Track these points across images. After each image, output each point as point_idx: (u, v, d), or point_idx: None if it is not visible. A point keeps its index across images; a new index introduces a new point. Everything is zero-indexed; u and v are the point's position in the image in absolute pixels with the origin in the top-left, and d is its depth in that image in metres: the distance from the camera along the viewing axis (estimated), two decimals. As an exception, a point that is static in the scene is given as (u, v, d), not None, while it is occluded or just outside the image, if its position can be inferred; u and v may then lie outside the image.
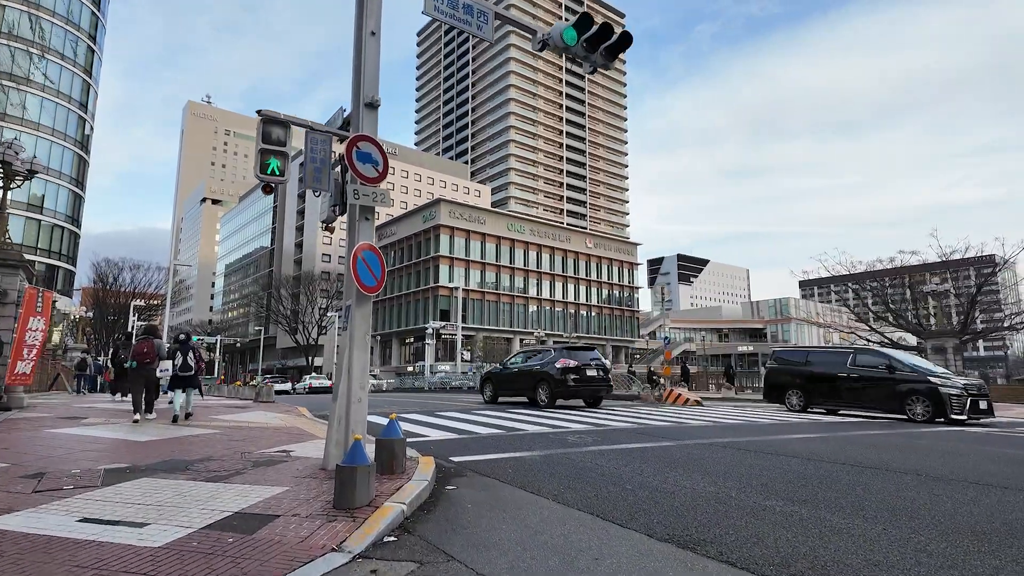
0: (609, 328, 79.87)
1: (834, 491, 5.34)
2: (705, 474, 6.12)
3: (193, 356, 11.23)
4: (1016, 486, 5.69)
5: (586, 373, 14.93)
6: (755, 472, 6.23)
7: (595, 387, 15.21)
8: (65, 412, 10.87)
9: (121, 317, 58.30)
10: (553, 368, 14.94)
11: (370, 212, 6.24)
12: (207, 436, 8.07)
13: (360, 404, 5.93)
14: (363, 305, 6.12)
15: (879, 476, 6.09)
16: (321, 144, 6.18)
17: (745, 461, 6.91)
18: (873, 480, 5.87)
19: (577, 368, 14.85)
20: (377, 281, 6.07)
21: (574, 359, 15.05)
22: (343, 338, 6.18)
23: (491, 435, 9.14)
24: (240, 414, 11.78)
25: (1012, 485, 5.74)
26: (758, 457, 7.22)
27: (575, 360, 15.02)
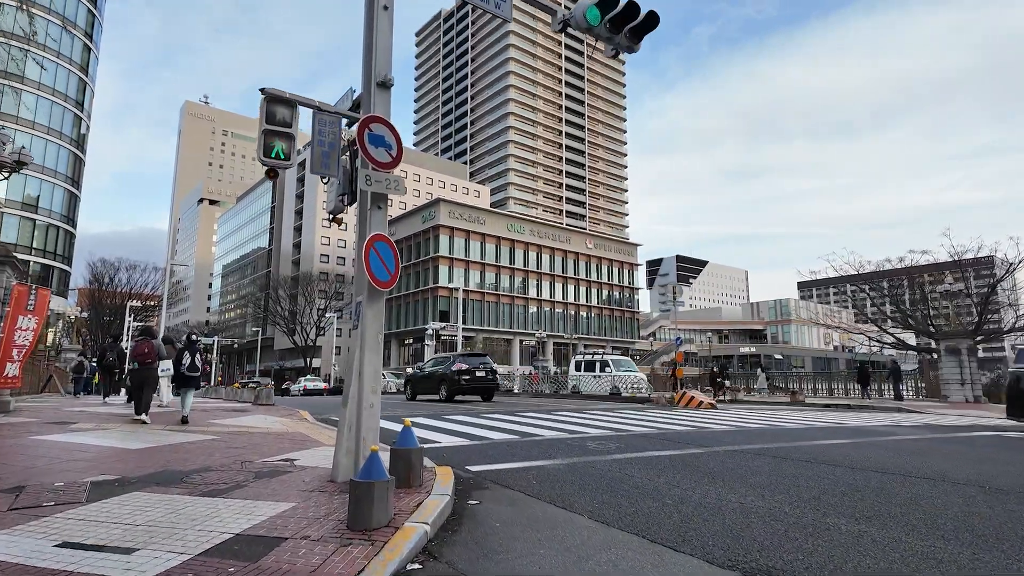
0: (609, 329, 79.42)
1: (896, 506, 4.85)
2: (748, 486, 5.62)
3: (200, 357, 11.35)
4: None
5: (476, 374, 18.92)
6: (801, 483, 5.74)
7: (484, 385, 19.20)
8: (53, 416, 10.34)
9: (117, 318, 57.62)
10: (450, 371, 18.85)
11: (383, 200, 5.74)
12: (205, 443, 7.55)
13: (372, 410, 5.42)
14: (375, 302, 5.61)
15: (937, 488, 5.60)
16: (330, 126, 5.68)
17: (785, 470, 6.42)
18: (933, 493, 5.38)
19: (468, 370, 18.83)
20: (391, 275, 5.57)
21: (466, 363, 19.18)
22: (353, 338, 5.68)
23: (506, 441, 8.64)
24: (239, 418, 11.25)
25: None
26: (798, 466, 6.72)
27: (467, 364, 19.18)
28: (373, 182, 5.50)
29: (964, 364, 21.20)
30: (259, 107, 5.37)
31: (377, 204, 5.71)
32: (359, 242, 5.85)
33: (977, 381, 21.04)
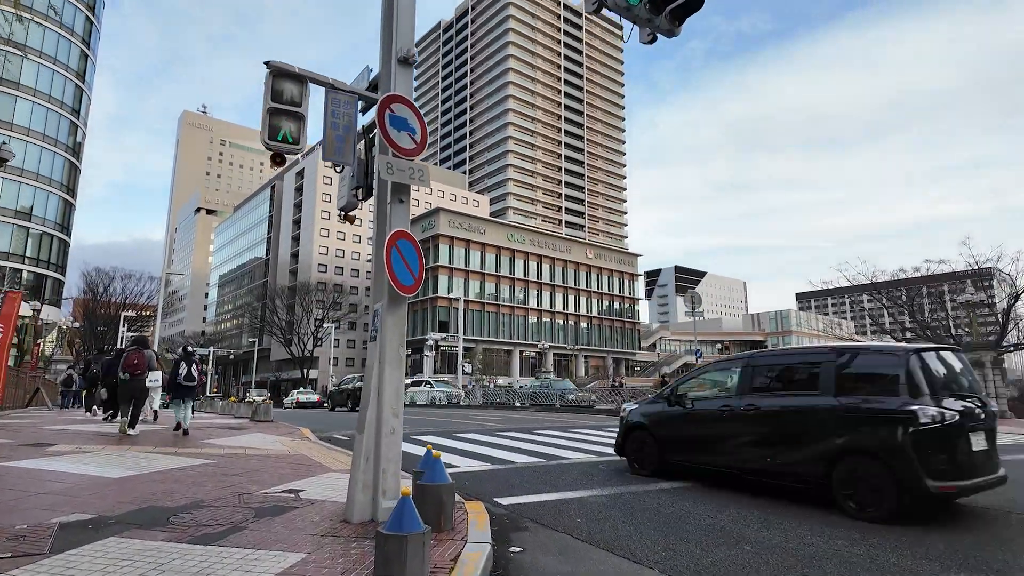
0: (610, 340, 78.61)
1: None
2: (830, 525, 4.83)
3: (197, 368, 11.18)
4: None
5: None
6: (889, 521, 4.95)
7: None
8: (30, 436, 9.47)
9: (111, 328, 56.59)
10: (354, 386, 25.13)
11: (405, 193, 4.99)
12: (196, 469, 6.72)
13: (393, 437, 4.63)
14: (397, 309, 4.84)
15: None
16: (344, 107, 4.93)
17: (860, 503, 5.62)
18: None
19: None
20: (415, 279, 4.80)
21: None
22: (370, 351, 4.90)
23: (531, 465, 7.83)
24: (236, 437, 10.39)
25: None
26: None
27: None
28: (395, 170, 4.75)
29: (988, 377, 20.45)
30: (264, 83, 4.62)
31: (399, 197, 4.95)
32: (377, 241, 5.09)
33: (1002, 395, 20.30)
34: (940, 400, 5.27)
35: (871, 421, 5.39)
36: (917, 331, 26.95)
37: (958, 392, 5.59)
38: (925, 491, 4.93)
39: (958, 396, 5.51)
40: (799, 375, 6.34)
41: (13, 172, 47.28)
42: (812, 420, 5.76)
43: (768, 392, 6.34)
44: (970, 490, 5.23)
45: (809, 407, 5.83)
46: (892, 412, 5.26)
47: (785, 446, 5.87)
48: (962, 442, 5.18)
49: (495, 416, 20.00)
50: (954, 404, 5.30)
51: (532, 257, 71.84)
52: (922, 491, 4.94)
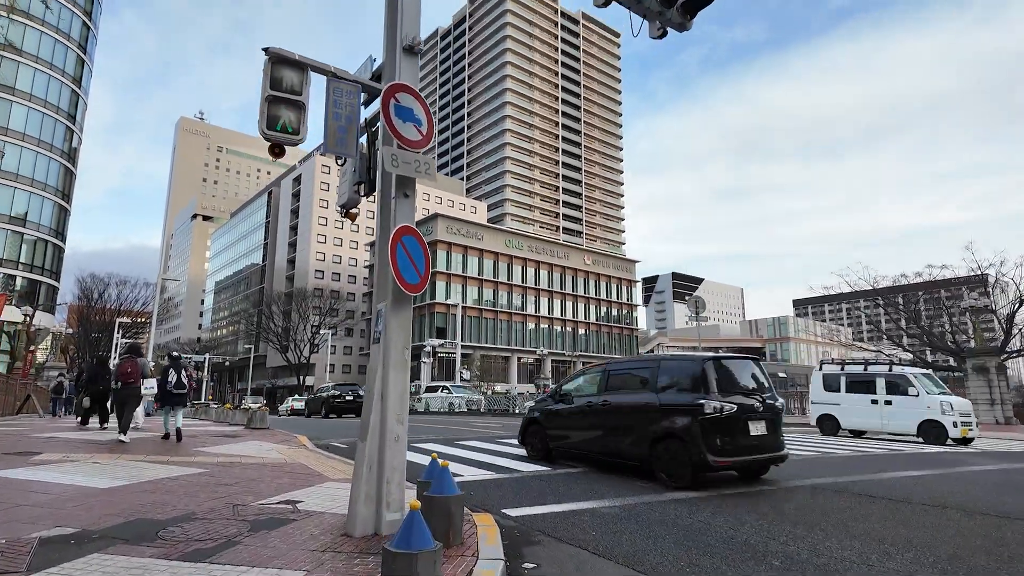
0: (608, 346, 78.31)
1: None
2: (854, 537, 4.57)
3: (186, 374, 11.08)
4: None
5: (345, 397, 27.83)
6: (916, 533, 4.69)
7: (351, 405, 27.01)
8: (16, 444, 9.15)
9: (105, 335, 56.06)
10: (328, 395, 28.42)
11: (410, 187, 4.74)
12: (189, 479, 6.42)
13: (398, 444, 4.37)
14: (402, 309, 4.58)
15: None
16: (347, 97, 4.69)
17: (884, 514, 5.36)
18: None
19: (340, 395, 28.12)
20: (421, 277, 4.55)
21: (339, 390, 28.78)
22: (373, 354, 4.64)
23: (536, 473, 7.55)
24: (231, 445, 10.08)
25: None
26: (894, 508, 5.67)
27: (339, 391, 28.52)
28: (400, 163, 4.50)
29: (993, 383, 20.25)
30: (262, 70, 4.38)
31: (404, 191, 4.70)
32: (380, 238, 4.84)
33: (1008, 401, 20.08)
34: (725, 397, 6.80)
35: (677, 412, 6.95)
36: (920, 337, 26.82)
37: (744, 391, 7.13)
38: (707, 464, 6.49)
39: (744, 394, 7.06)
40: (637, 378, 7.97)
41: (8, 177, 46.96)
42: (642, 412, 7.38)
43: (618, 391, 7.98)
44: (742, 464, 6.90)
45: (641, 402, 7.50)
46: (688, 405, 6.84)
47: (625, 432, 7.54)
48: (739, 428, 6.79)
49: (495, 423, 19.70)
50: (735, 400, 6.85)
51: (530, 263, 71.65)
52: (705, 464, 6.50)
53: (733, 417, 6.73)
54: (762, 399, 7.18)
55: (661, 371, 7.54)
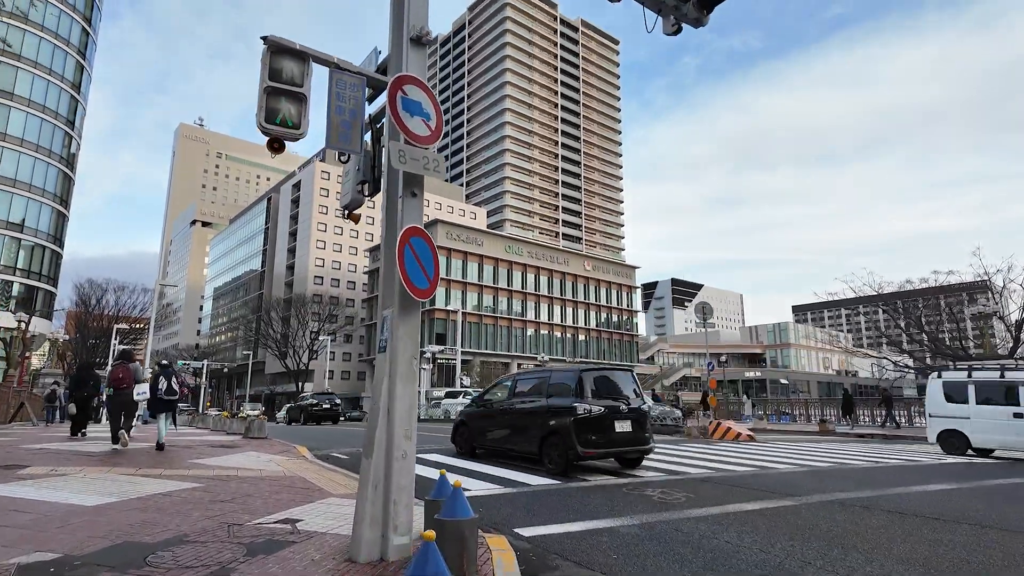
0: (608, 352, 77.95)
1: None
2: (897, 560, 4.25)
3: (176, 381, 11.15)
4: None
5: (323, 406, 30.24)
6: (963, 554, 4.37)
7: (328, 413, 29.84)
8: (3, 457, 8.78)
9: (103, 341, 55.63)
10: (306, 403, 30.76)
11: (418, 185, 4.45)
12: (182, 495, 6.09)
13: (405, 462, 4.06)
14: (409, 316, 4.28)
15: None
16: (351, 90, 4.40)
17: (921, 533, 5.04)
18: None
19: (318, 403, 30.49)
20: (430, 281, 4.26)
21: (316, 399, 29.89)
22: (379, 363, 4.33)
23: (546, 488, 7.23)
24: (227, 456, 9.73)
25: None
26: (929, 525, 5.35)
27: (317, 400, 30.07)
28: (408, 159, 4.21)
29: (1003, 390, 19.87)
30: (261, 60, 4.10)
31: (411, 190, 4.41)
32: (386, 240, 4.55)
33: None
34: (596, 401, 8.48)
35: (558, 413, 8.53)
36: (925, 343, 26.42)
37: (614, 396, 8.77)
38: (578, 455, 8.10)
39: (613, 399, 8.70)
40: (534, 386, 9.60)
41: (5, 183, 46.70)
42: (536, 414, 9.02)
43: (522, 397, 9.62)
44: (608, 455, 8.54)
45: (535, 406, 9.16)
46: (566, 407, 8.43)
47: (525, 430, 9.17)
48: (606, 426, 8.39)
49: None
50: (604, 403, 8.53)
51: (530, 269, 71.37)
52: (577, 455, 8.11)
53: (601, 416, 8.39)
54: (628, 403, 8.76)
55: (551, 380, 9.28)
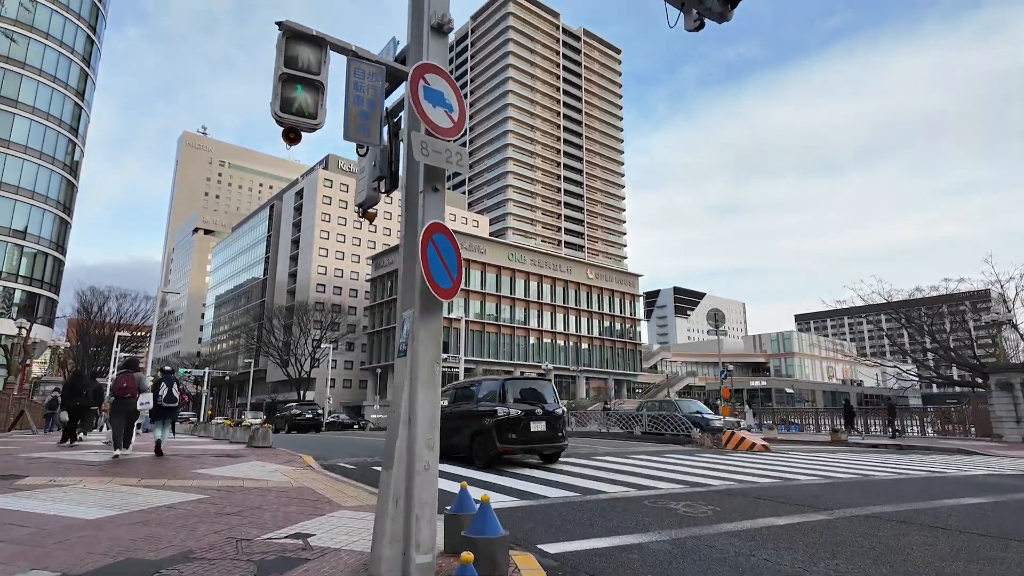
0: (611, 361, 77.57)
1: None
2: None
3: (177, 388, 11.35)
4: None
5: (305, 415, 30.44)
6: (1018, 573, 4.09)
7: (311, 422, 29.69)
8: (0, 466, 8.54)
9: (104, 348, 55.39)
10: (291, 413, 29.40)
11: (440, 180, 4.21)
12: (187, 507, 5.82)
13: (428, 474, 3.78)
14: (431, 318, 4.03)
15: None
16: (370, 80, 4.17)
17: (964, 549, 4.75)
18: None
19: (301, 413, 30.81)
20: (453, 281, 4.01)
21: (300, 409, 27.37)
22: (398, 369, 4.07)
23: (566, 500, 6.94)
24: (232, 465, 9.45)
25: None
26: (972, 543, 5.05)
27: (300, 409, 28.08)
28: (430, 152, 3.97)
29: (1019, 400, 19.61)
30: (276, 46, 3.87)
31: (433, 185, 4.17)
32: (406, 238, 4.30)
33: (1035, 418, 19.40)
34: (515, 405, 10.16)
35: (485, 415, 10.13)
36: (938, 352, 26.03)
37: (531, 401, 10.45)
38: (499, 451, 9.68)
39: (530, 403, 10.35)
40: (469, 393, 11.33)
41: (8, 190, 46.67)
42: (468, 417, 10.56)
43: (459, 402, 11.39)
44: (523, 451, 10.10)
45: (468, 410, 10.79)
46: (491, 410, 10.08)
47: (460, 432, 10.54)
48: (523, 426, 9.96)
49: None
50: (522, 407, 10.18)
51: (532, 277, 71.15)
52: (497, 452, 9.69)
53: (518, 418, 9.99)
54: (543, 407, 10.46)
55: (481, 388, 11.02)
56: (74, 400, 12.64)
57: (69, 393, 12.82)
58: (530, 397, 10.50)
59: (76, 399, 12.67)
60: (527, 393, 10.60)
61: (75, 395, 12.71)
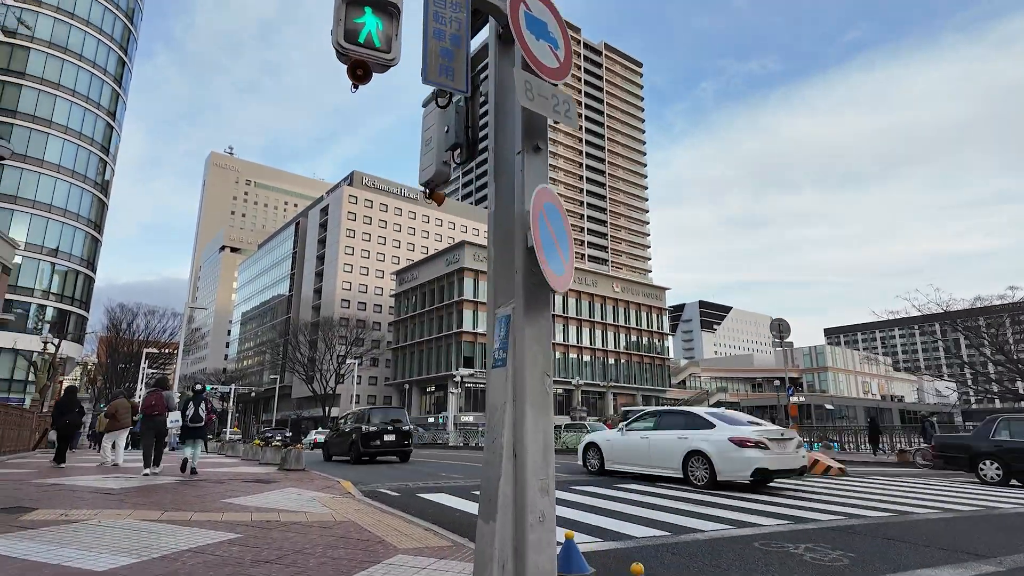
0: (639, 376, 75.75)
1: None
2: None
3: (205, 407, 11.23)
4: None
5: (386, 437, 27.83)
6: None
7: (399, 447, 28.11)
8: (11, 495, 7.67)
9: (132, 365, 55.57)
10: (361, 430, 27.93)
11: (542, 137, 3.26)
12: (216, 550, 4.88)
13: (544, 527, 2.77)
14: (539, 315, 3.05)
15: None
16: (452, 10, 3.25)
17: None
18: None
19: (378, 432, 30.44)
20: (566, 265, 3.04)
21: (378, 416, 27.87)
22: (495, 384, 3.09)
23: (655, 541, 5.84)
24: (265, 494, 8.51)
25: None
26: None
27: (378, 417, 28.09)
28: (535, 95, 3.03)
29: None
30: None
31: (534, 143, 3.22)
32: (496, 216, 3.35)
33: None
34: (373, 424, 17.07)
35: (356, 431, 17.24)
36: (1003, 364, 24.23)
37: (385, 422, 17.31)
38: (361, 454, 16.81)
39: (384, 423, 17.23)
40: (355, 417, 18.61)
41: (41, 208, 47.26)
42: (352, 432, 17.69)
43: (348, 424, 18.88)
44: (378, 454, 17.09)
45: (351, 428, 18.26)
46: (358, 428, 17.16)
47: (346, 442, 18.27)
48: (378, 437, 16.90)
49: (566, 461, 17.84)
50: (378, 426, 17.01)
51: (559, 291, 69.92)
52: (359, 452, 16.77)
53: (373, 433, 16.53)
54: (394, 425, 16.93)
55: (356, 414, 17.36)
56: (64, 419, 12.12)
57: (60, 411, 12.27)
58: (382, 418, 17.47)
59: (67, 417, 12.14)
60: (379, 415, 17.75)
61: (66, 413, 12.17)
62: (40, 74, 48.47)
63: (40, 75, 48.43)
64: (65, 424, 12.18)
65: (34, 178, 47.18)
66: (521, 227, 3.07)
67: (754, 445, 9.30)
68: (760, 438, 9.41)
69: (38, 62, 48.51)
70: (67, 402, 12.63)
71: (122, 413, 13.01)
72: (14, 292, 42.89)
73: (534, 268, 2.96)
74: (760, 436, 9.44)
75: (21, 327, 43.04)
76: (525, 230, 3.02)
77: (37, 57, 48.50)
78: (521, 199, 3.09)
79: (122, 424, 13.07)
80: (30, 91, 47.81)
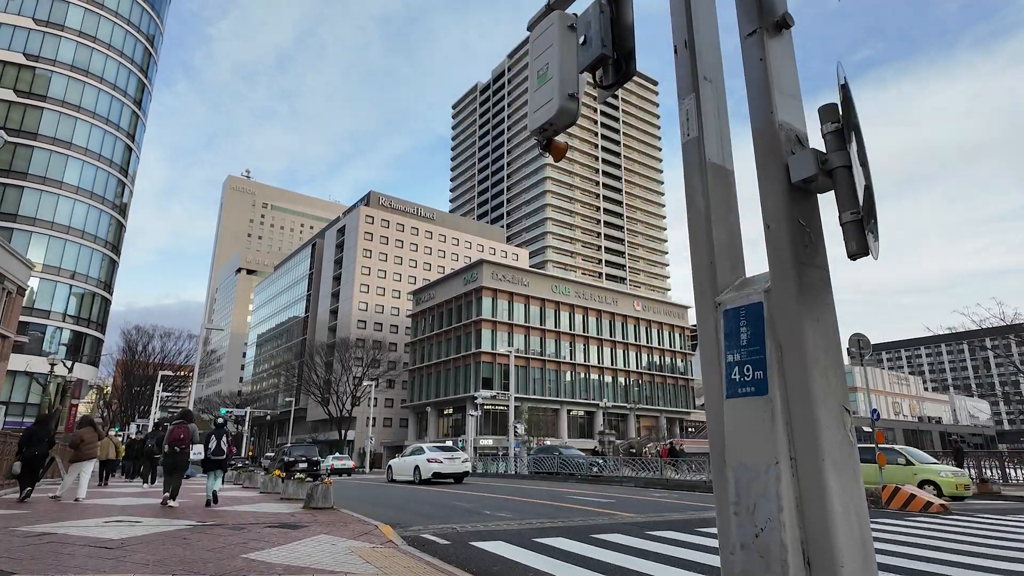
0: (662, 398, 73.56)
1: None
2: None
3: (226, 440, 11.47)
4: None
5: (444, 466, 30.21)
6: None
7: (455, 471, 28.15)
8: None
9: (147, 388, 54.75)
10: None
11: (784, 5, 1.98)
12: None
13: None
14: (821, 304, 1.71)
15: None
16: None
17: None
18: None
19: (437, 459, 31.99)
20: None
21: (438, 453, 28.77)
22: (741, 421, 1.75)
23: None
24: (292, 544, 7.14)
25: None
26: None
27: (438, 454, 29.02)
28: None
29: None
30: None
31: (777, 15, 1.94)
32: (703, 141, 2.07)
33: None
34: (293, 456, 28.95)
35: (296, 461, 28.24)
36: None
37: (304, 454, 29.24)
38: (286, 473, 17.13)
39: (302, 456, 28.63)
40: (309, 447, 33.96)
41: (60, 230, 46.94)
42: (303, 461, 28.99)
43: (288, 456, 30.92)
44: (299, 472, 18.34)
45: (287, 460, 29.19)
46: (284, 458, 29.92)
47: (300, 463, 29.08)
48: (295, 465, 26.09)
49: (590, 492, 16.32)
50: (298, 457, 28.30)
51: (578, 309, 68.44)
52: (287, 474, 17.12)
53: (293, 462, 26.80)
54: (307, 457, 28.08)
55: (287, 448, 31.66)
56: (33, 449, 11.01)
57: (28, 441, 11.15)
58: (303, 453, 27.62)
59: (35, 448, 11.04)
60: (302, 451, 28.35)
61: (35, 443, 11.06)
62: (61, 97, 48.59)
63: (61, 98, 48.55)
64: (33, 455, 11.08)
65: (53, 200, 46.95)
66: (772, 148, 1.77)
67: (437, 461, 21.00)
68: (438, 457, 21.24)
69: (59, 85, 48.66)
70: (37, 431, 11.53)
71: (88, 443, 11.93)
72: (30, 314, 42.32)
73: (811, 217, 1.65)
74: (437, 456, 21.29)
75: (36, 350, 42.37)
76: (783, 152, 1.72)
77: (59, 80, 48.67)
78: (768, 104, 1.80)
79: (86, 455, 12.01)
80: (51, 113, 47.87)
